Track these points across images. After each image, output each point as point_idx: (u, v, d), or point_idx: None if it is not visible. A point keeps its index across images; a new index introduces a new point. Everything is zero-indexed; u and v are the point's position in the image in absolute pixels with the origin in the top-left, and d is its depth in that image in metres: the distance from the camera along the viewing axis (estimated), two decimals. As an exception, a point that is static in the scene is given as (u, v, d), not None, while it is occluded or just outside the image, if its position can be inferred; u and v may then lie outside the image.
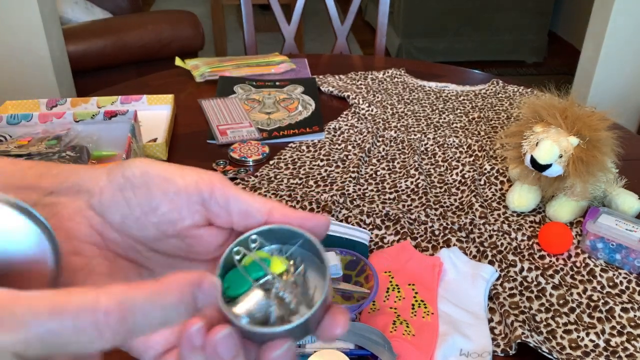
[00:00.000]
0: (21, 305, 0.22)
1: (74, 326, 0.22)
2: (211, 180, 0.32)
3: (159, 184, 0.32)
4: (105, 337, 0.22)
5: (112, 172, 0.32)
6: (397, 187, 0.96)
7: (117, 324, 0.23)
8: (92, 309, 0.22)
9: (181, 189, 0.31)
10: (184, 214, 0.32)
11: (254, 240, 0.31)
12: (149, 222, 0.32)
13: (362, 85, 1.35)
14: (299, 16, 1.75)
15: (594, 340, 0.66)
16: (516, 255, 0.79)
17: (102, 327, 0.22)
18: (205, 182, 0.32)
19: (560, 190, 0.86)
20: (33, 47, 1.81)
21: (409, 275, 0.72)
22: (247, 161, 1.01)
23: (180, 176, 0.32)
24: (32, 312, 0.22)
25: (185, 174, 0.32)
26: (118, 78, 2.19)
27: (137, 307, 0.23)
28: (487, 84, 1.36)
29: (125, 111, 0.97)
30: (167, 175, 0.32)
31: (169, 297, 0.24)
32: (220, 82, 1.34)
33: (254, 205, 0.31)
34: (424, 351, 0.61)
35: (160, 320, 0.24)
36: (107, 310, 0.22)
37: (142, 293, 0.24)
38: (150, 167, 0.32)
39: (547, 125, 0.83)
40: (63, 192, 0.33)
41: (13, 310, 0.21)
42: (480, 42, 3.68)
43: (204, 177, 0.32)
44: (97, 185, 0.32)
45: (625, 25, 2.12)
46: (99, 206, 0.32)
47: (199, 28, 2.43)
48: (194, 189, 0.31)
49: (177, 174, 0.32)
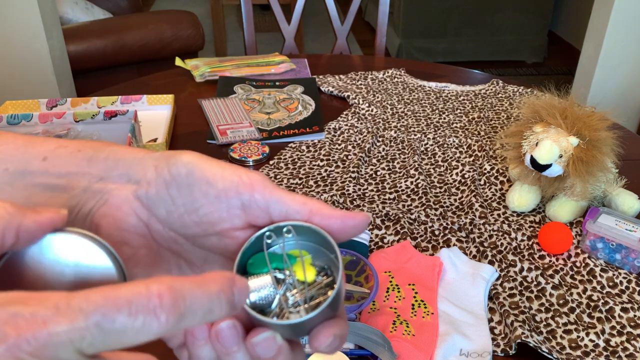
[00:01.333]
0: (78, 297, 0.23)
1: (129, 311, 0.23)
2: (251, 182, 0.32)
3: (201, 186, 0.32)
4: (161, 320, 0.23)
5: (159, 165, 0.33)
6: (397, 187, 0.96)
7: (170, 307, 0.23)
8: (145, 293, 0.23)
9: (221, 193, 0.32)
10: (224, 216, 0.32)
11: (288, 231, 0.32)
12: (191, 220, 0.32)
13: (362, 85, 1.35)
14: (299, 16, 1.75)
15: (594, 340, 0.66)
16: (516, 255, 0.79)
17: (157, 309, 0.23)
18: (245, 184, 0.32)
19: (560, 190, 0.86)
20: (33, 47, 1.81)
21: (409, 275, 0.72)
22: (247, 161, 1.01)
23: (222, 178, 0.32)
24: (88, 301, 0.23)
25: (226, 175, 0.32)
26: (118, 78, 2.19)
27: (186, 291, 0.24)
28: (487, 84, 1.36)
29: (125, 111, 0.97)
30: (209, 177, 0.32)
31: (212, 286, 0.25)
32: (220, 82, 1.34)
33: (293, 207, 0.32)
34: (424, 351, 0.61)
35: (205, 310, 0.25)
36: (160, 293, 0.23)
37: (188, 281, 0.25)
38: (196, 166, 0.32)
39: (547, 125, 0.83)
40: (112, 179, 0.33)
41: (70, 301, 0.22)
42: (480, 42, 3.68)
43: (244, 179, 0.32)
44: (144, 177, 0.33)
45: (625, 25, 2.12)
46: (146, 199, 0.33)
47: (199, 28, 2.43)
48: (234, 193, 0.32)
49: (219, 175, 0.32)
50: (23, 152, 0.33)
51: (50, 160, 0.33)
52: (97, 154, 0.34)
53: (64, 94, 1.96)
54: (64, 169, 0.33)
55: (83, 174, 0.33)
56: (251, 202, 0.32)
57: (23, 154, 0.33)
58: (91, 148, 0.34)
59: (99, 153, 0.34)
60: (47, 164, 0.33)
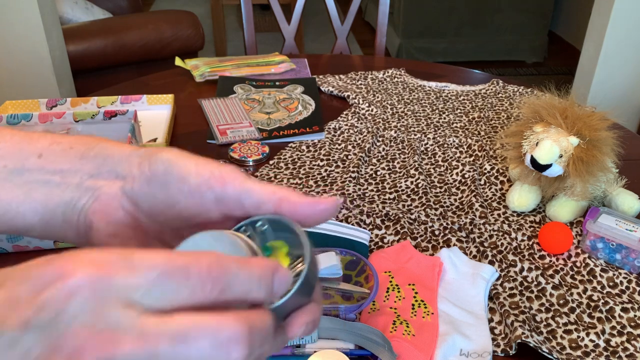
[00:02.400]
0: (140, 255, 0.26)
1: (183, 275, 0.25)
2: (223, 176, 0.33)
3: (176, 183, 0.34)
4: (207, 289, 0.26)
5: (142, 163, 0.35)
6: (397, 187, 0.96)
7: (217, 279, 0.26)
8: (197, 263, 0.26)
9: (195, 188, 0.33)
10: (200, 210, 0.34)
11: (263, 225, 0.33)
12: (172, 214, 0.34)
13: (362, 85, 1.35)
14: (299, 16, 1.75)
15: (594, 340, 0.66)
16: (516, 255, 0.79)
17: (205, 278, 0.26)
18: (217, 179, 0.33)
19: (560, 190, 0.86)
20: (33, 47, 1.81)
21: (409, 275, 0.72)
22: (247, 161, 1.01)
23: (195, 174, 0.33)
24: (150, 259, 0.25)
25: (199, 171, 0.33)
26: (118, 78, 2.19)
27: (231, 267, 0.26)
28: (487, 84, 1.36)
29: (125, 111, 0.97)
30: (184, 173, 0.33)
31: (254, 268, 0.27)
32: (220, 82, 1.34)
33: (263, 197, 0.33)
34: (424, 351, 0.61)
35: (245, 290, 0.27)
36: (209, 264, 0.26)
37: (233, 259, 0.27)
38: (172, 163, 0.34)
39: (547, 125, 0.83)
40: (102, 176, 0.36)
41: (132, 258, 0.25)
42: (480, 42, 3.68)
43: (216, 173, 0.33)
44: (130, 173, 0.35)
45: (625, 26, 2.12)
46: (131, 194, 0.35)
47: (199, 28, 2.43)
48: (206, 187, 0.33)
49: (192, 172, 0.33)
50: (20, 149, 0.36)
51: (45, 157, 0.36)
52: (87, 152, 0.36)
53: (64, 93, 1.96)
54: (58, 165, 0.36)
55: (75, 170, 0.36)
56: (224, 196, 0.33)
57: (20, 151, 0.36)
58: (83, 144, 0.36)
59: (89, 151, 0.36)
60: (42, 161, 0.36)
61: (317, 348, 0.56)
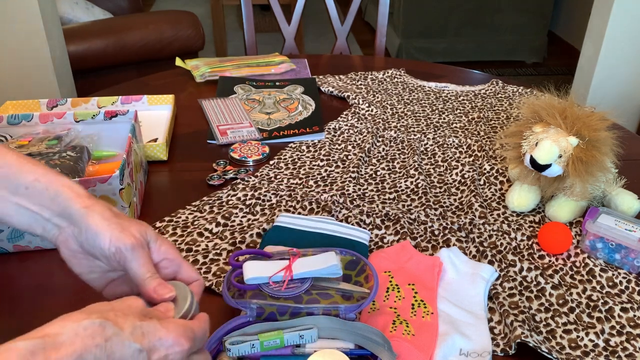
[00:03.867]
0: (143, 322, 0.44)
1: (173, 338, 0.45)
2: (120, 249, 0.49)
3: (92, 248, 0.50)
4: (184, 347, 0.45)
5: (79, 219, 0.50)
6: (397, 187, 0.96)
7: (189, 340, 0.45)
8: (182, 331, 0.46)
9: (103, 257, 0.50)
10: (113, 270, 0.53)
11: None
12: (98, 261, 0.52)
13: (362, 86, 1.35)
14: (299, 16, 1.75)
15: (594, 340, 0.66)
16: (516, 255, 0.79)
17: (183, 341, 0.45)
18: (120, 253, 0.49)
19: (560, 190, 0.86)
20: (33, 48, 1.81)
21: (409, 275, 0.72)
22: (247, 161, 1.01)
23: (107, 242, 0.49)
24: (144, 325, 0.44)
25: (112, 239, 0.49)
26: (118, 78, 2.19)
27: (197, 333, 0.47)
28: (486, 84, 1.36)
29: (126, 111, 0.97)
30: (96, 242, 0.49)
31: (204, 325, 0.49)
32: (220, 82, 1.34)
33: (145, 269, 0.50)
34: (424, 351, 0.61)
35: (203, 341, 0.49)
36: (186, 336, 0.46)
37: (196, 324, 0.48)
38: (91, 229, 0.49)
39: (547, 126, 0.83)
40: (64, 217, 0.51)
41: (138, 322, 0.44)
42: (480, 42, 3.68)
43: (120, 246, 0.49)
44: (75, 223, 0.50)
45: (625, 26, 2.12)
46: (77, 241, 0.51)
47: (199, 28, 2.43)
48: (113, 258, 0.50)
49: (106, 238, 0.49)
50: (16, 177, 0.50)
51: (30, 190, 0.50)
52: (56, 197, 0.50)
53: (65, 94, 1.96)
54: (37, 200, 0.50)
55: (48, 207, 0.50)
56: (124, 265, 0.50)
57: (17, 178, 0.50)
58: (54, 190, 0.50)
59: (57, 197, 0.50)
60: (29, 193, 0.50)
61: (317, 348, 0.56)
